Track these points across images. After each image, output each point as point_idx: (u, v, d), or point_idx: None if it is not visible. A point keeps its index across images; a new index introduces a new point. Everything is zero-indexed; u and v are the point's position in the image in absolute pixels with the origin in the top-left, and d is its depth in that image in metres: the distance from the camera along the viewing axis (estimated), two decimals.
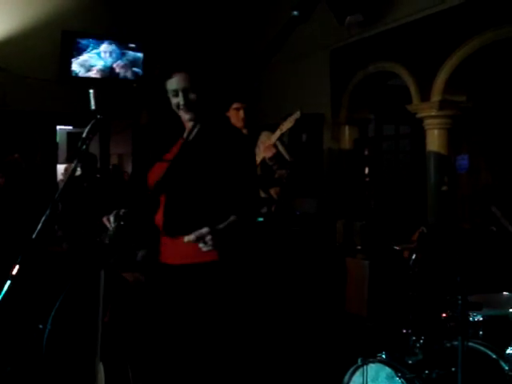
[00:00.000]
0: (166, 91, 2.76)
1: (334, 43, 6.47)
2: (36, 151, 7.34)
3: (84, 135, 2.75)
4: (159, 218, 2.71)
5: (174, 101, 2.72)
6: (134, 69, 7.42)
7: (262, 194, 4.08)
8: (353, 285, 4.63)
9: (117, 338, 3.62)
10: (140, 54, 7.41)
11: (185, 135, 2.77)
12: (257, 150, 4.13)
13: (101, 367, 2.71)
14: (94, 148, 7.67)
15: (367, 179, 7.14)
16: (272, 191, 4.16)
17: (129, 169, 9.54)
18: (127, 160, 9.72)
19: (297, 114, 3.99)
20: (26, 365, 3.79)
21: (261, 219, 4.04)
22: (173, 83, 2.69)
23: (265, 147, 3.97)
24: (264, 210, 4.08)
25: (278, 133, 4.03)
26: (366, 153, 7.14)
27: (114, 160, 9.53)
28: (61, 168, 8.10)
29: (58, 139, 7.92)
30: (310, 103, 6.55)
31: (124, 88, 7.35)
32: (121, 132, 8.73)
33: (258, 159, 4.01)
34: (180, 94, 2.67)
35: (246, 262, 2.76)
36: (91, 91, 2.88)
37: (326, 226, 5.98)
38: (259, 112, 4.39)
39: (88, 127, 2.74)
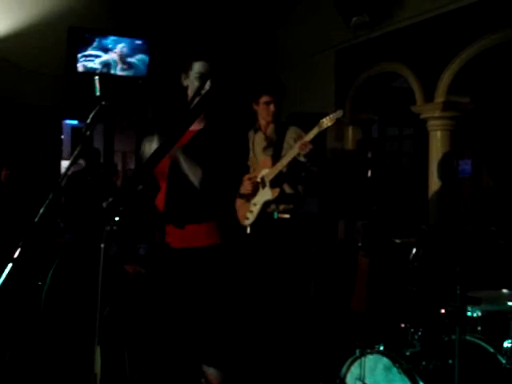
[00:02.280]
0: (174, 86, 2.84)
1: (339, 44, 6.49)
2: (40, 146, 7.37)
3: (89, 121, 2.78)
4: (159, 202, 2.78)
5: (195, 84, 2.77)
6: (141, 65, 7.44)
7: (289, 191, 4.07)
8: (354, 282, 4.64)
9: (115, 325, 3.64)
10: (146, 51, 7.43)
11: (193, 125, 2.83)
12: (284, 145, 4.14)
13: (98, 350, 2.73)
14: (99, 144, 7.71)
15: (370, 181, 7.16)
16: (300, 188, 4.15)
17: (132, 166, 9.58)
18: (131, 158, 9.76)
19: (338, 113, 3.87)
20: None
21: (287, 216, 4.04)
22: (202, 66, 2.76)
23: (300, 144, 3.89)
24: (290, 207, 4.07)
25: (315, 130, 3.91)
26: (370, 155, 7.16)
27: (117, 157, 9.56)
28: (65, 164, 8.12)
29: (62, 134, 7.95)
30: (315, 103, 6.58)
31: (129, 84, 7.37)
32: (125, 130, 8.76)
33: (288, 155, 3.97)
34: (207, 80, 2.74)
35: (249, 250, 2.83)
36: (96, 78, 2.91)
37: (328, 224, 6.00)
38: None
39: (93, 113, 2.77)
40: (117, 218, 2.77)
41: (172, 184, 2.75)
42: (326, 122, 3.90)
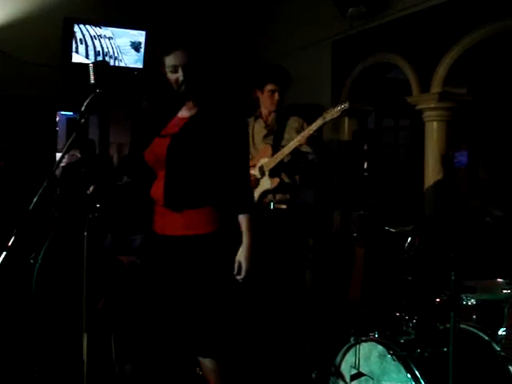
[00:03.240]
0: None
1: (336, 35, 6.47)
2: (34, 138, 7.35)
3: (83, 108, 2.77)
4: (156, 190, 2.76)
5: (173, 77, 2.77)
6: (137, 56, 7.42)
7: (287, 180, 4.06)
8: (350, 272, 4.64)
9: (108, 314, 3.65)
10: (143, 42, 7.40)
11: (184, 112, 2.83)
12: (285, 135, 4.11)
13: (85, 337, 2.74)
14: (94, 136, 7.68)
15: (366, 173, 7.16)
16: (297, 178, 4.13)
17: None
18: (127, 149, 9.71)
19: (345, 105, 3.82)
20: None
21: (284, 206, 4.03)
22: (171, 59, 2.75)
23: (305, 136, 3.86)
24: (287, 197, 4.06)
25: (320, 121, 3.87)
26: (366, 147, 7.15)
27: (113, 149, 9.52)
28: (60, 156, 8.07)
29: (57, 126, 7.92)
30: (311, 94, 6.56)
31: (125, 75, 7.35)
32: (121, 121, 8.73)
33: (290, 145, 3.94)
34: (180, 70, 2.73)
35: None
36: (91, 65, 2.89)
37: (324, 215, 5.99)
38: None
39: (87, 100, 2.76)
40: (98, 205, 2.82)
41: (171, 171, 2.73)
42: (331, 113, 3.86)
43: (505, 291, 2.69)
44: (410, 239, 3.10)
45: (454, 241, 2.45)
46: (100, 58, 7.23)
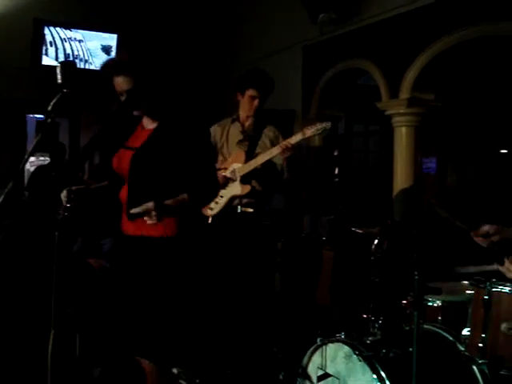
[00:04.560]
0: None
1: (306, 40, 6.52)
2: (3, 141, 7.26)
3: (49, 108, 2.76)
4: (123, 195, 2.88)
5: (122, 98, 2.88)
6: (108, 59, 7.37)
7: (257, 187, 4.06)
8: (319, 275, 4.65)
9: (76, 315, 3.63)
10: (114, 45, 7.37)
11: (147, 122, 2.88)
12: (260, 143, 4.12)
13: (52, 334, 2.74)
14: (65, 140, 7.61)
15: (336, 179, 7.21)
16: (267, 186, 4.13)
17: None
18: (97, 153, 9.63)
19: (327, 124, 3.81)
20: None
21: (251, 210, 4.03)
22: (116, 84, 2.88)
23: (284, 146, 3.84)
24: (253, 201, 4.07)
25: (299, 136, 3.85)
26: (336, 153, 7.20)
27: None
28: (30, 159, 8.00)
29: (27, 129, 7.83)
30: (282, 99, 6.57)
31: (96, 78, 7.29)
32: (91, 125, 8.66)
33: (266, 154, 3.94)
34: (124, 94, 2.85)
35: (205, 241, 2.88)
36: (57, 65, 2.88)
37: (294, 220, 6.01)
38: (231, 105, 4.36)
39: (54, 100, 2.74)
40: (68, 205, 2.83)
41: (133, 183, 2.82)
42: (312, 130, 3.84)
43: (468, 292, 2.72)
44: (376, 241, 3.13)
45: (418, 241, 2.48)
46: (70, 60, 7.17)
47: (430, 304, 3.11)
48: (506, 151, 6.89)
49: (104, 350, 3.47)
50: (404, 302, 3.22)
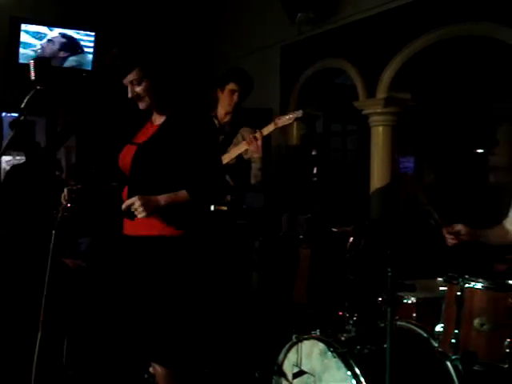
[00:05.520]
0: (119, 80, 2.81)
1: (285, 39, 6.54)
2: None
3: (23, 105, 2.74)
4: (125, 194, 2.77)
5: (132, 91, 2.76)
6: (86, 58, 7.33)
7: (231, 183, 4.05)
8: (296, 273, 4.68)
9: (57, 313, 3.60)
10: (91, 43, 7.32)
11: (155, 117, 2.81)
12: (234, 141, 4.11)
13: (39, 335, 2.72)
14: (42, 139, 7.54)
15: (315, 179, 7.22)
16: (242, 182, 4.13)
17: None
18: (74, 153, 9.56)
19: (298, 113, 3.85)
20: None
21: (224, 208, 4.01)
22: (129, 76, 2.73)
23: (253, 135, 3.83)
24: (228, 199, 4.06)
25: (271, 127, 3.88)
26: (314, 153, 7.22)
27: (61, 152, 9.36)
28: (6, 158, 7.91)
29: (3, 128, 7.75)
30: (260, 98, 6.59)
31: (73, 77, 7.25)
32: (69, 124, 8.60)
33: (238, 147, 3.95)
34: (129, 87, 2.74)
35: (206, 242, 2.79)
36: (31, 62, 2.86)
37: (272, 219, 6.02)
38: (212, 104, 4.36)
39: (27, 97, 2.73)
40: (68, 205, 2.79)
41: (133, 179, 2.73)
42: (283, 120, 3.88)
43: (442, 288, 2.74)
44: (351, 239, 3.14)
45: (391, 238, 2.50)
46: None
47: (405, 301, 3.13)
48: (481, 151, 6.95)
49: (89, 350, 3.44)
50: (379, 299, 3.24)
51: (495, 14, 4.57)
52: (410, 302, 3.12)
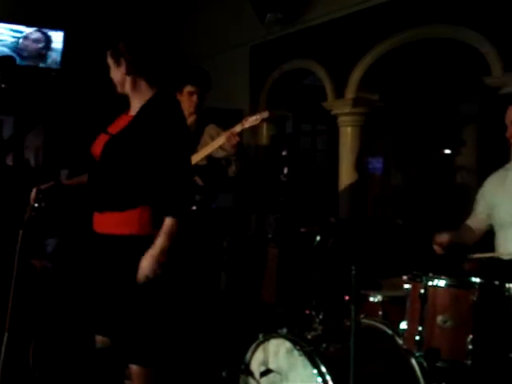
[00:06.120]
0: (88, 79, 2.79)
1: (254, 40, 6.55)
2: None
3: None
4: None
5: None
6: (54, 57, 7.25)
7: (200, 183, 4.04)
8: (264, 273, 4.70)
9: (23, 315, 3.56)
10: (60, 41, 7.24)
11: (132, 109, 2.76)
12: (201, 140, 4.09)
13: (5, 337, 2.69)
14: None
15: (285, 179, 7.23)
16: (211, 182, 4.11)
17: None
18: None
19: (264, 114, 3.85)
20: None
21: (194, 208, 4.00)
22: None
23: (228, 134, 3.76)
24: (197, 198, 4.04)
25: (238, 128, 3.83)
26: (284, 153, 7.23)
27: (29, 153, 9.25)
28: None
29: None
30: (229, 98, 6.60)
31: (42, 76, 7.17)
32: (38, 124, 8.49)
33: (209, 146, 3.92)
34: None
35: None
36: None
37: (241, 219, 6.03)
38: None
39: None
40: (36, 205, 2.76)
41: (101, 168, 2.67)
42: (250, 121, 3.86)
43: (406, 286, 2.77)
44: (318, 238, 3.16)
45: (355, 237, 2.52)
46: (16, 58, 7.02)
47: (371, 299, 3.16)
48: (449, 151, 7.05)
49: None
50: (346, 297, 3.26)
51: (457, 16, 4.64)
52: (375, 300, 3.15)
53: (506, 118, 3.14)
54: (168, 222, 2.53)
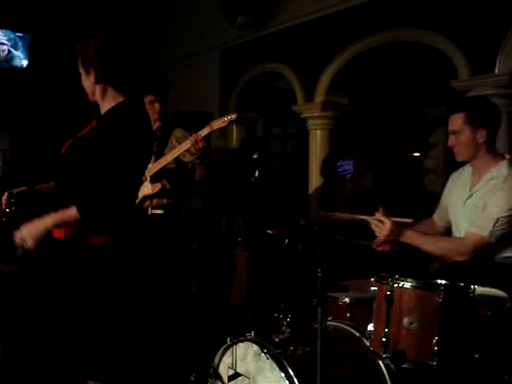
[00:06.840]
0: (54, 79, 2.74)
1: (224, 43, 6.54)
2: None
3: None
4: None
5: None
6: (20, 58, 7.16)
7: (167, 187, 4.03)
8: (234, 276, 4.70)
9: None
10: (27, 44, 7.16)
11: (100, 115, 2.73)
12: (168, 143, 4.08)
13: None
14: None
15: (255, 182, 7.24)
16: (179, 185, 4.09)
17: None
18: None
19: (232, 116, 3.89)
20: None
21: (161, 211, 3.99)
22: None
23: (194, 138, 3.79)
24: (164, 202, 4.03)
25: (206, 130, 3.86)
26: (255, 156, 7.25)
27: None
28: None
29: None
30: (199, 101, 6.59)
31: (8, 77, 7.08)
32: (5, 126, 8.38)
33: (176, 150, 3.94)
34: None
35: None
36: None
37: (211, 222, 6.02)
38: None
39: None
40: (7, 210, 2.71)
41: (60, 173, 2.63)
42: (218, 123, 3.89)
43: (373, 288, 2.78)
44: (287, 241, 3.16)
45: (321, 239, 2.53)
46: None
47: (339, 301, 3.17)
48: (418, 154, 7.12)
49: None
50: (315, 300, 3.26)
51: (425, 21, 4.69)
52: (343, 302, 3.16)
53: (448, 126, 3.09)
54: (72, 211, 2.42)
